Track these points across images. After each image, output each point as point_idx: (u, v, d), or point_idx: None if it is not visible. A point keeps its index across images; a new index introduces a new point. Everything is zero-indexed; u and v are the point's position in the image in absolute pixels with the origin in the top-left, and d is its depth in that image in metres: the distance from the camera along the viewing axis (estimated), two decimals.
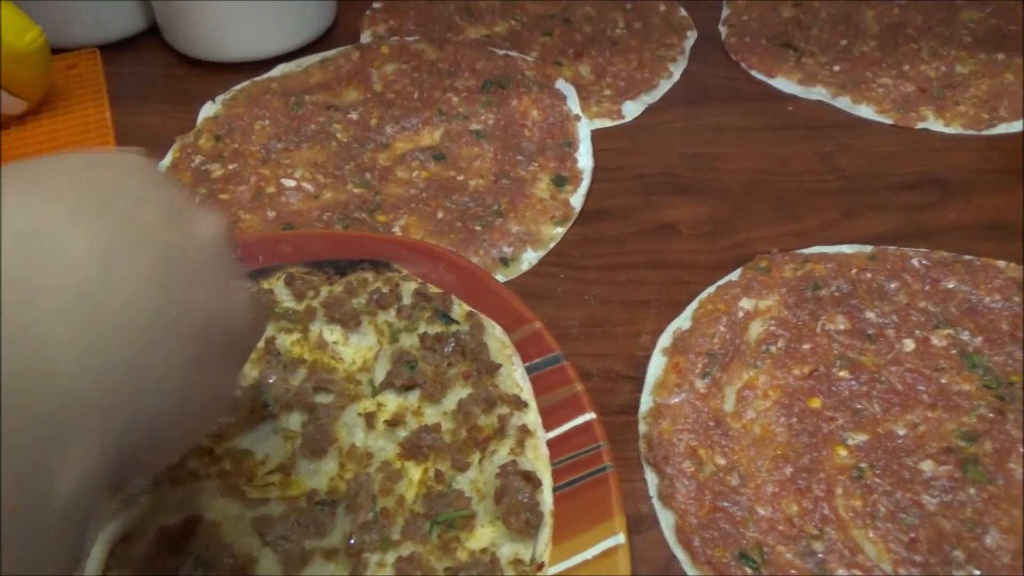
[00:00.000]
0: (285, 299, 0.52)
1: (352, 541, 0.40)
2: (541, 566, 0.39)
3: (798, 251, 0.57)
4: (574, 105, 0.71)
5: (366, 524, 0.41)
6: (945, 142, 0.67)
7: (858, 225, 0.60)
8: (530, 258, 0.59)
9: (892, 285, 0.53)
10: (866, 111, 0.70)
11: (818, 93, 0.72)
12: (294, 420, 0.46)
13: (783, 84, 0.74)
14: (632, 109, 0.72)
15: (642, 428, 0.48)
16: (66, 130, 0.72)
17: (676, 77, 0.76)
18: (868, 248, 0.57)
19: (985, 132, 0.67)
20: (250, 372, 0.48)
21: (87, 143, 0.70)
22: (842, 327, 0.51)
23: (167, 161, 0.68)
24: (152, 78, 0.80)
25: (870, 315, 0.52)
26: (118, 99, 0.76)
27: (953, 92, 0.71)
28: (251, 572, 0.39)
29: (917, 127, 0.68)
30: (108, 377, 0.24)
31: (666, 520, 0.44)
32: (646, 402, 0.49)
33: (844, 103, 0.71)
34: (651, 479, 0.45)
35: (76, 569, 0.39)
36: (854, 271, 0.54)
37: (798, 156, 0.66)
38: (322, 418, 0.45)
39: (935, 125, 0.68)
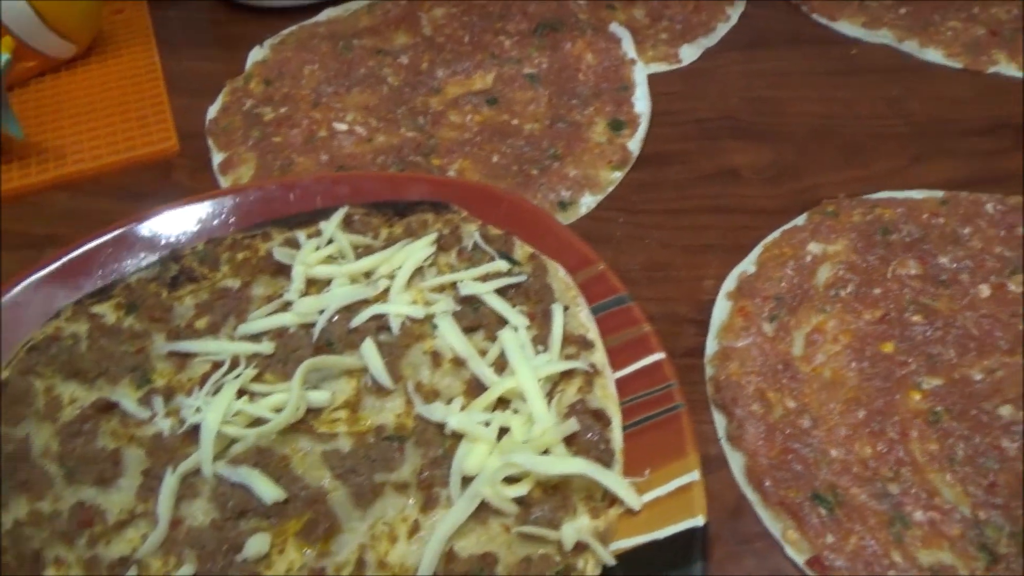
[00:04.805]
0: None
1: (424, 475, 0.40)
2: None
3: (866, 196, 0.56)
4: (629, 48, 0.69)
5: (436, 460, 0.41)
6: (1018, 86, 0.64)
7: (927, 171, 0.58)
8: (588, 202, 0.58)
9: (965, 230, 0.52)
10: (934, 55, 0.68)
11: (883, 36, 0.70)
12: (358, 358, 0.46)
13: (846, 27, 0.71)
14: (689, 53, 0.70)
15: (708, 371, 0.47)
16: (116, 74, 0.72)
17: (734, 20, 0.74)
18: (939, 193, 0.55)
19: None
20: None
21: (138, 88, 0.70)
22: (914, 272, 0.50)
23: (217, 105, 0.68)
24: (198, 23, 0.80)
25: (943, 260, 0.50)
26: (166, 44, 0.76)
27: None
28: (324, 505, 0.40)
29: (988, 71, 0.66)
30: None
31: (735, 461, 0.43)
32: (712, 345, 0.48)
33: (911, 47, 0.68)
34: (719, 421, 0.45)
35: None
36: (925, 216, 0.53)
37: (863, 101, 0.64)
38: (387, 356, 0.45)
39: (1008, 69, 0.66)
